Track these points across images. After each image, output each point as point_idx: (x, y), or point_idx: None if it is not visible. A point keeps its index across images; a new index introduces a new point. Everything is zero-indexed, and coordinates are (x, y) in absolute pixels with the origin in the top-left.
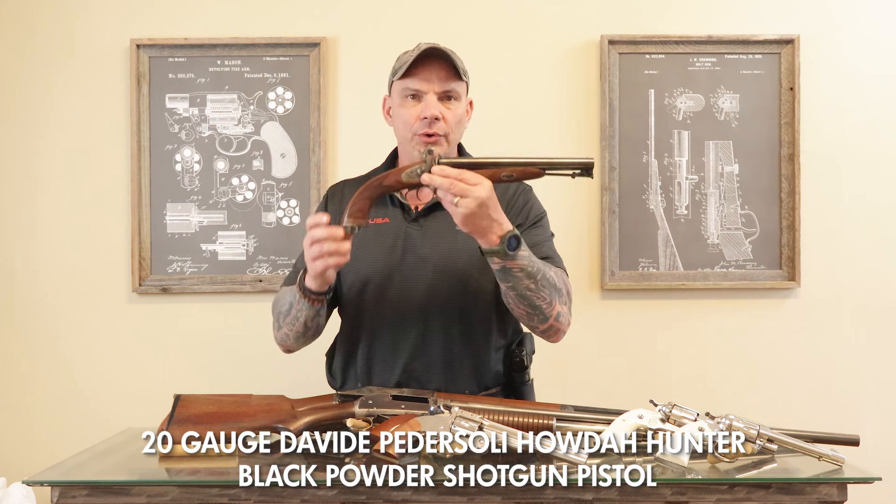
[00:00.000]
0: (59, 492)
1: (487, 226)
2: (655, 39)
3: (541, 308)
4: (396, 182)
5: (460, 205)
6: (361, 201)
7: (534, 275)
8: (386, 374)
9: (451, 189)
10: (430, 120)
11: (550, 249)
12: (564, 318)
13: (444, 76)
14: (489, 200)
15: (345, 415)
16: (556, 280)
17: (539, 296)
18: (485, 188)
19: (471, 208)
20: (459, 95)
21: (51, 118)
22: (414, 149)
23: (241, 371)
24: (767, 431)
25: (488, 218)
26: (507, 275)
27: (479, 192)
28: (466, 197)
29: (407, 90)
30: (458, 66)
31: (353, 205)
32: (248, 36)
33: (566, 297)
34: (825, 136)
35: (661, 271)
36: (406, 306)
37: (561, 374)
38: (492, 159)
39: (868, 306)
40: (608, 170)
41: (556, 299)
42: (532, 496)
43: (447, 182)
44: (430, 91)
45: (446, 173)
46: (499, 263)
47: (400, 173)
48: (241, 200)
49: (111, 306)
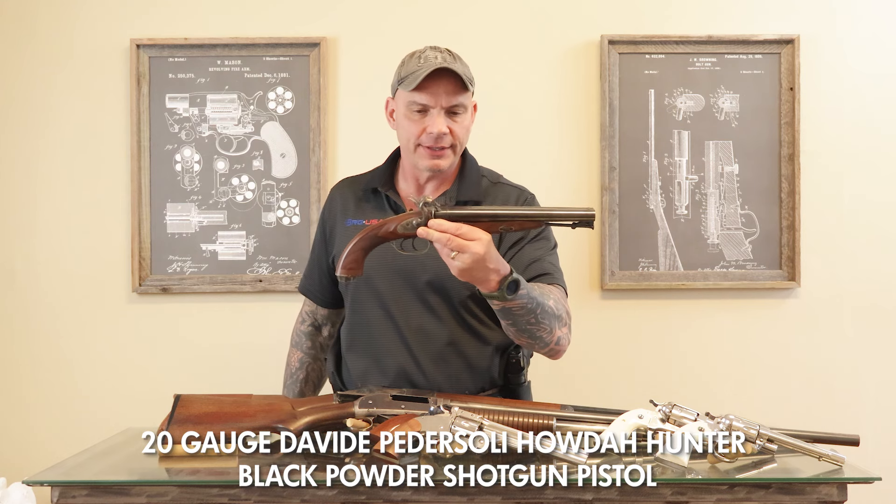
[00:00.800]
0: (59, 492)
1: (485, 276)
2: (655, 39)
3: (542, 338)
4: (392, 233)
5: (457, 259)
6: (355, 253)
7: (533, 310)
8: (381, 375)
9: (448, 244)
10: (437, 136)
11: (551, 265)
12: (564, 340)
13: (451, 90)
14: (486, 254)
15: (345, 415)
16: (555, 309)
17: (539, 327)
18: (482, 244)
19: (467, 263)
20: (466, 108)
21: (51, 118)
22: (417, 160)
23: (241, 371)
24: (767, 431)
25: (485, 270)
26: (508, 314)
27: (477, 249)
28: (464, 252)
29: (414, 104)
30: (465, 78)
31: (347, 257)
32: (248, 36)
33: (566, 319)
34: (825, 136)
35: (661, 271)
36: (401, 309)
37: (561, 374)
38: (490, 210)
39: (868, 306)
40: (608, 170)
41: (557, 327)
42: (532, 496)
43: (444, 237)
44: (438, 106)
45: (443, 228)
46: (498, 305)
47: (396, 224)
48: (241, 200)
49: (111, 306)
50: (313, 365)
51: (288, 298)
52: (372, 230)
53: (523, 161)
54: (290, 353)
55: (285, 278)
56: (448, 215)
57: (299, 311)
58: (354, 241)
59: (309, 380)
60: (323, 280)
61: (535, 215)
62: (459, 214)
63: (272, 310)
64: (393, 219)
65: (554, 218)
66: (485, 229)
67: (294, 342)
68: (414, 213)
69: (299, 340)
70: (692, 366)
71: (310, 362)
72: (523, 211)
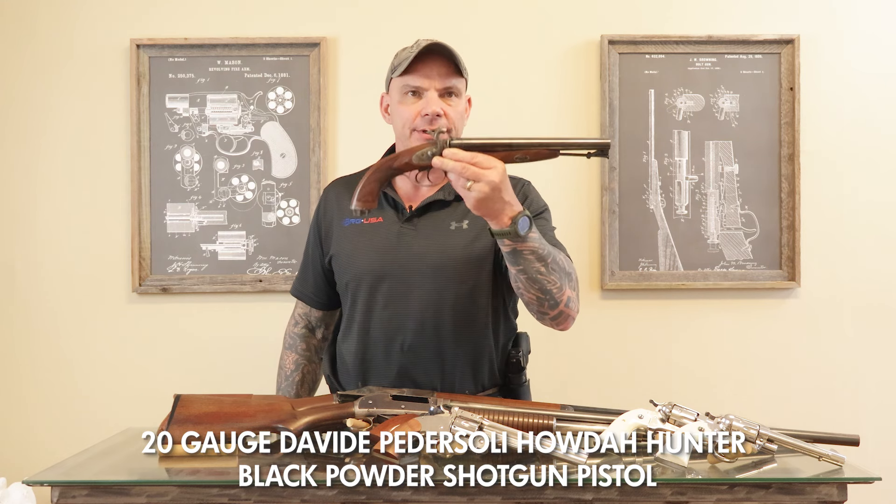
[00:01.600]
0: (59, 492)
1: (500, 209)
2: (655, 39)
3: (551, 293)
4: (407, 164)
5: (473, 189)
6: (371, 184)
7: (544, 257)
8: (381, 374)
9: (464, 173)
10: (432, 116)
11: (555, 240)
12: (574, 303)
13: (444, 72)
14: (502, 184)
15: (345, 415)
16: (565, 264)
17: (549, 279)
18: (498, 172)
19: (484, 192)
20: (460, 92)
21: (51, 118)
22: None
23: (241, 371)
24: (767, 431)
25: (501, 201)
26: (518, 257)
27: (492, 176)
28: (479, 181)
29: (407, 87)
30: (458, 62)
31: (363, 188)
32: (248, 36)
33: (575, 282)
34: (825, 136)
35: (661, 271)
36: (400, 306)
37: (561, 374)
38: (504, 139)
39: (868, 306)
40: (608, 170)
41: (566, 284)
42: (532, 496)
43: (459, 166)
44: (431, 87)
45: (458, 157)
46: (509, 245)
47: (410, 155)
48: (241, 200)
49: (111, 306)
50: (308, 367)
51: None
52: (388, 161)
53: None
54: (284, 356)
55: (285, 278)
56: (463, 144)
57: (291, 313)
58: (370, 173)
59: (304, 382)
60: (318, 281)
61: (551, 143)
62: (474, 143)
63: (272, 310)
64: (407, 150)
65: (570, 147)
66: (500, 159)
67: (287, 344)
68: (429, 143)
69: (293, 342)
70: (692, 366)
71: (305, 364)
72: (539, 139)
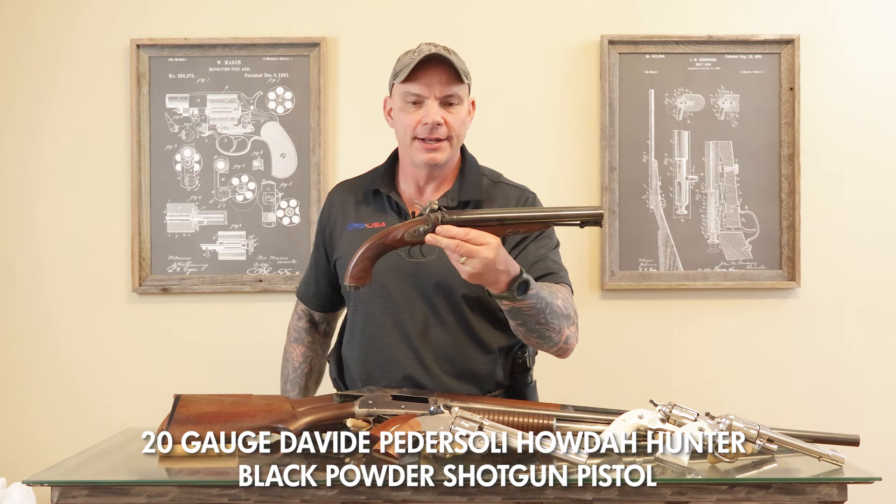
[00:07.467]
0: (59, 492)
1: (496, 278)
2: (655, 39)
3: (550, 337)
4: (399, 241)
5: (467, 264)
6: (363, 262)
7: (543, 310)
8: (385, 378)
9: (458, 250)
10: (432, 126)
11: (555, 264)
12: (572, 339)
13: (445, 80)
14: (497, 258)
15: (345, 415)
16: (563, 308)
17: (548, 327)
18: (491, 248)
19: (478, 269)
20: (461, 99)
21: (51, 118)
22: (413, 154)
23: (241, 371)
24: (767, 431)
25: (496, 272)
26: (517, 314)
27: (486, 253)
28: (474, 258)
29: (408, 95)
30: (459, 69)
31: (356, 265)
32: (248, 36)
33: (573, 317)
34: (825, 136)
35: (661, 271)
36: (404, 311)
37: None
38: (496, 214)
39: (868, 306)
40: (608, 170)
41: (566, 326)
42: (532, 496)
43: (453, 244)
44: (432, 96)
45: (451, 234)
46: (508, 305)
47: (403, 231)
48: (241, 200)
49: (111, 306)
50: (315, 359)
51: (288, 298)
52: (379, 238)
53: (523, 161)
54: (291, 348)
55: (285, 278)
56: (456, 220)
57: (294, 308)
58: (361, 251)
59: (312, 373)
60: (320, 286)
61: (543, 217)
62: (467, 219)
63: (272, 310)
64: (399, 226)
65: (562, 218)
66: (493, 233)
67: (293, 337)
68: (421, 220)
69: (299, 336)
70: (692, 366)
71: (312, 356)
72: (531, 213)
